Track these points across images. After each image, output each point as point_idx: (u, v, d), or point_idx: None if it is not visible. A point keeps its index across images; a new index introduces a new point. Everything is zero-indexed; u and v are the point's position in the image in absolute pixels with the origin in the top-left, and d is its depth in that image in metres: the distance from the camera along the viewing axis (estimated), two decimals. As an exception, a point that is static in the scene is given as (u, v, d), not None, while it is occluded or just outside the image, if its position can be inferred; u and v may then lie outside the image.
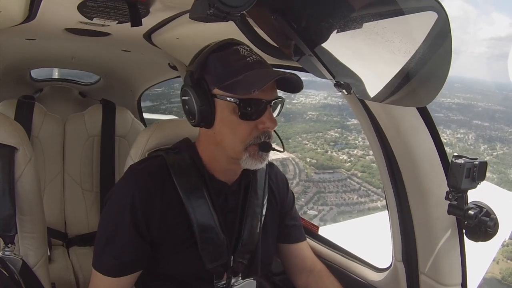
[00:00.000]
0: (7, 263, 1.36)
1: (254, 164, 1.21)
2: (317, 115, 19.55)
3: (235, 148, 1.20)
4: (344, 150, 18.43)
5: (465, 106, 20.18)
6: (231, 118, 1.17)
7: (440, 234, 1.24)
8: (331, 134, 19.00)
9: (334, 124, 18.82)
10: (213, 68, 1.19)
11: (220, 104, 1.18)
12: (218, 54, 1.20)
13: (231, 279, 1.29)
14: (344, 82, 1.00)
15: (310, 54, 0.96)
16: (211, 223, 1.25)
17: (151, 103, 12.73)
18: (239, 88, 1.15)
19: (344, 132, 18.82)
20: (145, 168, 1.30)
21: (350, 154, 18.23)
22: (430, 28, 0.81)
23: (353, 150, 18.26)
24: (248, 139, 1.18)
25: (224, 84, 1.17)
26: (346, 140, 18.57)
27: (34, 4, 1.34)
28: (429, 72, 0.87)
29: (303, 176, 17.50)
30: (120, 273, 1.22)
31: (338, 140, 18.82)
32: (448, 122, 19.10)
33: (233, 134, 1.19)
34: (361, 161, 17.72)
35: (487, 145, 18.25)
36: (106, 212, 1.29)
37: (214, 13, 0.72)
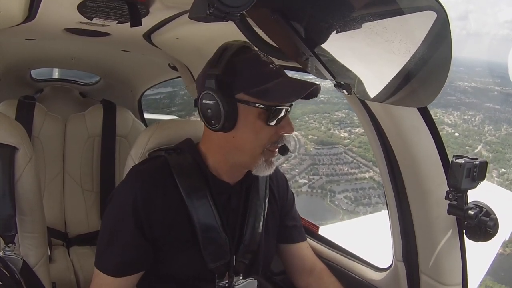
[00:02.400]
0: (7, 263, 1.37)
1: (266, 170, 1.24)
2: (328, 98, 19.77)
3: (254, 153, 1.21)
4: (347, 128, 19.01)
5: (480, 90, 20.17)
6: (256, 123, 1.18)
7: (440, 233, 1.24)
8: (337, 115, 19.46)
9: (342, 105, 19.23)
10: (239, 73, 1.18)
11: (244, 109, 1.17)
12: (242, 58, 1.19)
13: (233, 278, 1.29)
14: (344, 83, 1.00)
15: (310, 55, 0.96)
16: (213, 223, 1.26)
17: (172, 89, 12.61)
18: (271, 96, 1.16)
19: (350, 112, 19.21)
20: (147, 168, 1.30)
21: (351, 132, 18.81)
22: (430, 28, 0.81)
23: (355, 128, 18.76)
24: (267, 144, 1.21)
25: (252, 90, 1.17)
26: (351, 119, 19.04)
27: (34, 4, 1.34)
28: (430, 72, 0.87)
29: (302, 150, 18.18)
30: (122, 273, 1.23)
31: (343, 119, 19.33)
32: (459, 104, 19.20)
33: (255, 139, 1.20)
34: (360, 138, 18.24)
35: (492, 126, 18.39)
36: (108, 212, 1.29)
37: (213, 13, 0.72)
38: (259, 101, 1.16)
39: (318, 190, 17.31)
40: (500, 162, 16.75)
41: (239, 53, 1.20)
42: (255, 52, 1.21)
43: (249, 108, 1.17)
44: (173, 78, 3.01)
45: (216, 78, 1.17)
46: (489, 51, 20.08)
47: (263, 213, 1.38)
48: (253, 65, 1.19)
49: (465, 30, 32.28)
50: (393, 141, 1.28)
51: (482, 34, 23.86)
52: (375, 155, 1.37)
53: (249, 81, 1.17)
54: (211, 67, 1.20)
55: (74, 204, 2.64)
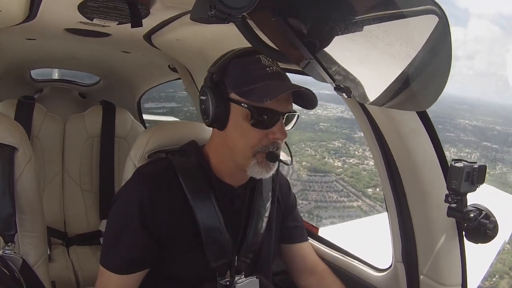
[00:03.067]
0: (7, 262, 1.37)
1: (260, 172, 1.24)
2: (327, 127, 20.49)
3: (244, 153, 1.22)
4: (341, 158, 19.45)
5: (480, 129, 20.55)
6: (243, 123, 1.20)
7: (440, 235, 1.24)
8: (334, 144, 19.98)
9: (341, 135, 19.81)
10: (232, 73, 1.22)
11: (235, 108, 1.20)
12: (240, 60, 1.23)
13: (234, 277, 1.30)
14: (344, 86, 1.00)
15: (310, 58, 0.96)
16: (217, 223, 1.27)
17: (176, 104, 12.73)
18: (254, 96, 1.17)
19: (347, 143, 19.84)
20: (152, 170, 1.32)
21: (345, 162, 19.21)
22: (431, 32, 0.81)
23: (350, 159, 19.32)
24: (257, 146, 1.21)
25: (241, 90, 1.19)
26: (346, 149, 19.58)
27: (35, 3, 1.34)
28: (429, 76, 0.87)
29: (294, 176, 18.33)
30: (127, 271, 1.24)
31: (339, 149, 19.91)
32: (457, 141, 19.60)
33: (243, 139, 1.21)
34: (353, 168, 18.65)
35: (487, 165, 18.94)
36: (114, 211, 1.31)
37: (215, 14, 0.72)
38: (245, 101, 1.19)
39: (305, 214, 17.36)
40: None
41: (240, 55, 1.23)
42: (257, 56, 1.22)
43: (238, 107, 1.20)
44: (173, 80, 3.01)
45: (211, 76, 1.23)
46: (495, 91, 20.42)
47: (266, 214, 1.39)
48: (247, 67, 1.21)
49: (472, 69, 32.68)
50: (392, 145, 1.28)
51: (489, 75, 24.30)
52: (374, 158, 1.38)
53: (238, 81, 1.20)
54: (212, 65, 1.26)
55: (73, 204, 2.65)
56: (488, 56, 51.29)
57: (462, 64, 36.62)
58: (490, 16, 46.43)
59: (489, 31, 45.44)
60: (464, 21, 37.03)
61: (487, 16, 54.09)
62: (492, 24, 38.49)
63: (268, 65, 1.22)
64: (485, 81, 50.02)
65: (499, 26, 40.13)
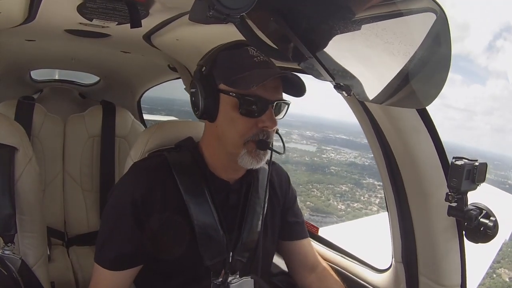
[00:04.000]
0: (6, 262, 1.37)
1: (251, 162, 1.23)
2: (338, 170, 21.06)
3: (234, 143, 1.22)
4: (346, 202, 19.78)
5: (493, 182, 20.93)
6: (232, 113, 1.20)
7: (440, 235, 1.24)
8: (341, 188, 20.49)
9: (349, 180, 20.21)
10: (220, 64, 1.23)
11: (224, 98, 1.21)
12: (228, 52, 1.24)
13: (228, 276, 1.29)
14: (344, 84, 1.00)
15: (310, 56, 0.96)
16: (211, 220, 1.27)
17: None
18: (241, 84, 1.17)
19: (355, 188, 20.34)
20: (147, 165, 1.33)
21: (348, 205, 19.75)
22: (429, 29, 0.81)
23: (354, 203, 19.77)
24: (247, 135, 1.21)
25: (228, 80, 1.20)
26: (353, 194, 20.03)
27: (34, 5, 1.35)
28: (429, 73, 0.87)
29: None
30: (120, 267, 1.24)
31: (345, 193, 20.39)
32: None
33: (233, 129, 1.21)
34: (355, 212, 19.15)
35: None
36: (108, 207, 1.31)
37: (213, 14, 0.72)
38: (232, 90, 1.19)
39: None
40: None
41: (228, 48, 1.25)
42: (245, 48, 1.24)
43: (227, 97, 1.20)
44: (173, 79, 3.01)
45: (200, 68, 1.25)
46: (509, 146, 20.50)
47: (262, 211, 1.38)
48: (234, 57, 1.23)
49: (490, 124, 33.20)
50: (392, 143, 1.28)
51: (506, 131, 24.51)
52: (375, 157, 1.37)
53: (226, 71, 1.21)
54: (201, 59, 1.28)
55: (74, 204, 2.65)
56: (505, 113, 51.66)
57: (480, 119, 36.33)
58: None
59: (507, 90, 45.73)
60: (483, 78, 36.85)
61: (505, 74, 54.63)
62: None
63: (255, 55, 1.22)
64: (503, 136, 50.27)
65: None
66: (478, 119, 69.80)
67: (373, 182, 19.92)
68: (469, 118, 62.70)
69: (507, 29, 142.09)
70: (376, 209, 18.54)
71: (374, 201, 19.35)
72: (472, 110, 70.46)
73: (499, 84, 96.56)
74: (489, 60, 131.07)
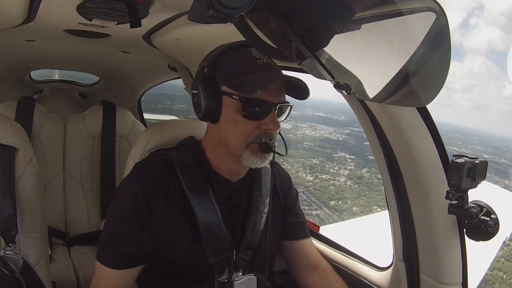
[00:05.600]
0: (8, 262, 1.37)
1: (255, 162, 1.23)
2: (310, 146, 21.39)
3: (237, 145, 1.22)
4: (315, 174, 19.88)
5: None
6: (235, 115, 1.20)
7: (440, 233, 1.24)
8: (311, 161, 20.89)
9: (321, 154, 20.47)
10: (223, 66, 1.23)
11: (226, 101, 1.21)
12: (231, 53, 1.24)
13: (232, 274, 1.30)
14: (344, 83, 1.00)
15: (309, 56, 0.96)
16: (215, 218, 1.27)
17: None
18: (244, 87, 1.17)
19: (325, 161, 20.76)
20: (150, 165, 1.33)
21: (316, 177, 20.14)
22: (429, 29, 0.81)
23: (323, 175, 20.14)
24: (250, 137, 1.21)
25: (231, 82, 1.20)
26: (322, 167, 20.14)
27: (33, 5, 1.34)
28: (429, 72, 0.87)
29: None
30: (123, 266, 1.24)
31: (315, 166, 20.70)
32: None
33: (236, 131, 1.21)
34: (323, 183, 19.57)
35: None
36: (112, 207, 1.31)
37: (212, 14, 0.72)
38: (235, 93, 1.19)
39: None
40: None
41: (231, 49, 1.24)
42: (247, 49, 1.23)
43: (230, 100, 1.20)
44: (173, 79, 3.01)
45: (202, 70, 1.24)
46: (491, 123, 20.55)
47: (265, 210, 1.38)
48: (237, 59, 1.22)
49: (470, 101, 33.25)
50: (392, 141, 1.28)
51: (486, 108, 24.56)
52: (375, 155, 1.37)
53: (229, 73, 1.21)
54: (203, 60, 1.28)
55: (74, 204, 2.65)
56: (484, 90, 51.69)
57: (460, 96, 37.02)
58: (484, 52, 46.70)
59: (485, 67, 46.11)
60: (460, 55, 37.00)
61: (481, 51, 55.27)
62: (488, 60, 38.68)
63: (258, 57, 1.22)
64: (483, 112, 50.22)
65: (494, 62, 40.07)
66: (457, 96, 70.63)
67: (344, 156, 20.11)
68: (448, 95, 62.50)
69: (479, 7, 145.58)
70: (343, 180, 18.75)
71: (343, 173, 19.60)
72: (452, 88, 70.93)
73: (477, 60, 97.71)
74: (464, 37, 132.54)
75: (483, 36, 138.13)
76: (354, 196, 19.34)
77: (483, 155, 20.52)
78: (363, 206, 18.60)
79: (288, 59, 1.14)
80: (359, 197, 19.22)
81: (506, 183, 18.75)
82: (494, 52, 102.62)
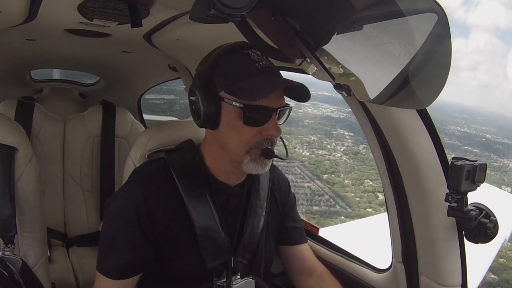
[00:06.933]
0: (7, 263, 1.37)
1: (255, 169, 1.22)
2: (310, 123, 21.33)
3: (237, 151, 1.21)
4: (311, 149, 20.00)
5: (468, 135, 20.77)
6: (235, 122, 1.18)
7: (440, 235, 1.24)
8: (309, 137, 21.01)
9: (320, 131, 20.55)
10: (222, 71, 1.19)
11: (226, 107, 1.18)
12: (228, 57, 1.20)
13: (231, 278, 1.30)
14: (344, 84, 1.00)
15: (310, 56, 0.96)
16: (212, 222, 1.26)
17: (174, 97, 13.04)
18: (245, 94, 1.15)
19: (323, 138, 20.83)
20: (148, 170, 1.32)
21: (313, 152, 20.30)
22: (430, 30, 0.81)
23: (319, 150, 20.15)
24: (251, 143, 1.19)
25: (231, 88, 1.17)
26: (320, 143, 20.25)
27: (34, 4, 1.34)
28: (429, 74, 0.87)
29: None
30: (124, 275, 1.24)
31: (313, 142, 20.86)
32: None
33: (236, 137, 1.19)
34: (318, 157, 19.73)
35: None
36: (110, 215, 1.30)
37: (214, 14, 0.72)
38: (235, 99, 1.16)
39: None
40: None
41: (228, 52, 1.21)
42: (245, 52, 1.20)
43: (229, 106, 1.17)
44: (173, 79, 3.01)
45: (200, 75, 1.21)
46: (498, 103, 20.21)
47: (263, 213, 1.38)
48: (237, 64, 1.19)
49: (476, 80, 32.87)
50: (392, 143, 1.28)
51: (493, 87, 24.33)
52: (375, 157, 1.37)
53: (228, 79, 1.18)
54: (200, 64, 1.24)
55: (74, 205, 2.64)
56: (490, 68, 50.81)
57: (467, 75, 36.64)
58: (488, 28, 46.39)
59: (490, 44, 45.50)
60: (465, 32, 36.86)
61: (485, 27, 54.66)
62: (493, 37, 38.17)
63: (257, 60, 1.19)
64: (491, 91, 49.40)
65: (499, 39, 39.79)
66: (464, 75, 69.82)
67: (343, 133, 20.17)
68: (454, 74, 62.97)
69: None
70: (339, 155, 18.81)
71: (339, 149, 19.66)
72: (457, 66, 70.48)
73: (481, 37, 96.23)
74: (468, 13, 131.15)
75: (487, 13, 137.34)
76: (348, 170, 19.41)
77: (486, 135, 20.35)
78: (355, 179, 18.70)
79: (289, 60, 1.14)
80: (352, 171, 19.28)
81: (505, 162, 18.62)
82: (499, 30, 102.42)
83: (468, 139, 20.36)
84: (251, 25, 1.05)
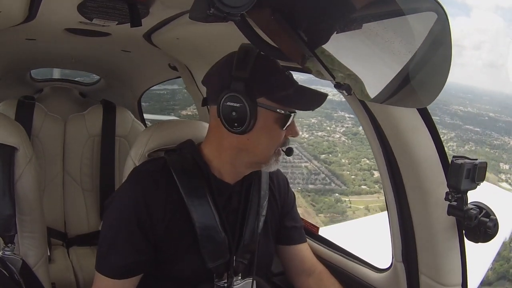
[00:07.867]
0: (7, 263, 1.37)
1: (275, 166, 1.29)
2: None
3: (267, 153, 1.26)
4: (311, 131, 20.29)
5: (471, 114, 20.69)
6: (273, 127, 1.23)
7: (440, 234, 1.24)
8: (310, 120, 21.03)
9: (320, 113, 20.67)
10: (265, 78, 1.22)
11: (264, 113, 1.20)
12: (265, 63, 1.23)
13: (232, 278, 1.29)
14: (344, 83, 1.00)
15: (310, 55, 0.96)
16: (213, 222, 1.26)
17: (177, 86, 13.21)
18: (293, 103, 1.23)
19: (324, 120, 20.82)
20: (147, 169, 1.31)
21: (312, 134, 20.10)
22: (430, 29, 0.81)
23: (319, 132, 20.13)
24: (279, 145, 1.26)
25: (275, 96, 1.21)
26: (320, 125, 20.40)
27: (34, 4, 1.34)
28: (429, 72, 0.87)
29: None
30: (124, 275, 1.23)
31: (313, 125, 20.86)
32: (438, 123, 20.30)
33: (269, 141, 1.24)
34: (317, 139, 19.45)
35: (456, 143, 19.13)
36: (109, 214, 1.29)
37: (213, 13, 0.72)
38: (280, 107, 1.21)
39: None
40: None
41: (261, 57, 1.22)
42: (272, 58, 1.25)
43: (268, 112, 1.21)
44: (173, 78, 3.01)
45: (245, 81, 1.17)
46: (504, 83, 20.14)
47: (263, 213, 1.38)
48: (275, 72, 1.23)
49: (481, 60, 32.63)
50: (392, 142, 1.28)
51: (498, 66, 23.94)
52: (375, 156, 1.37)
53: (273, 87, 1.22)
54: (238, 69, 1.19)
55: (74, 204, 2.65)
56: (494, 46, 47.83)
57: (471, 54, 34.90)
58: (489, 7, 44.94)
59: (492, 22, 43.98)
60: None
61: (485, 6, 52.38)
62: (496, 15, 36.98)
63: (284, 68, 1.26)
64: (496, 71, 46.35)
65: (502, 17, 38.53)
66: (468, 54, 64.05)
67: (343, 115, 20.24)
68: (458, 53, 58.06)
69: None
70: (338, 136, 18.87)
71: (339, 130, 19.72)
72: (461, 45, 65.71)
73: (483, 15, 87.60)
74: None
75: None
76: (345, 149, 19.47)
77: (489, 114, 20.22)
78: (352, 158, 18.69)
79: (289, 59, 1.14)
80: (349, 150, 19.32)
81: (506, 140, 18.56)
82: (499, 7, 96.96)
83: (470, 119, 20.34)
84: (251, 24, 1.05)
